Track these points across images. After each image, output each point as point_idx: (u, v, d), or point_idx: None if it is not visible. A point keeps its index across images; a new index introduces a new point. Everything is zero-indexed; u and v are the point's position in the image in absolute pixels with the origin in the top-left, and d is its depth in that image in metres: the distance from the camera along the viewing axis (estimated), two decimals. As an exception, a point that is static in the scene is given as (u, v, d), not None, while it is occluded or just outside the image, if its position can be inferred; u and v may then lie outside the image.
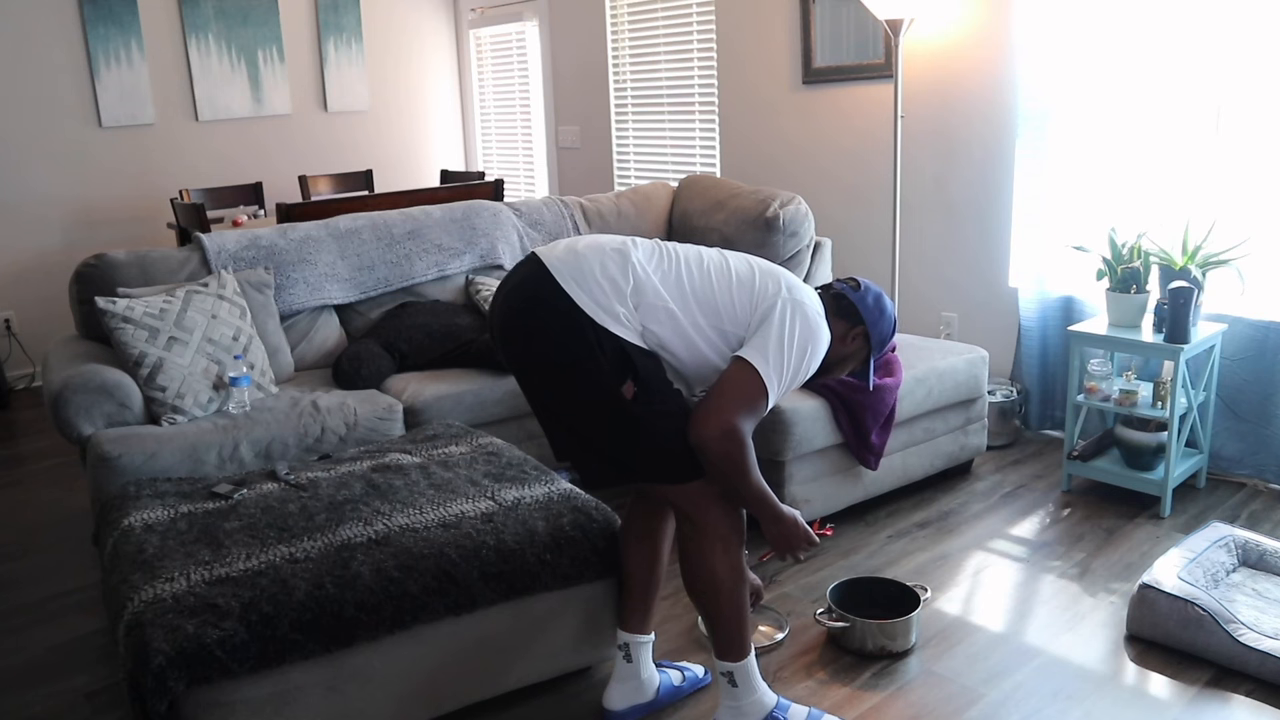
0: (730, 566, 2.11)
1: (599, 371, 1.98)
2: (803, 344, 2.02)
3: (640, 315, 2.02)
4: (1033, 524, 3.28)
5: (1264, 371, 3.38)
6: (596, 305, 1.99)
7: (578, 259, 2.04)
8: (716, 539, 2.09)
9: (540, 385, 2.07)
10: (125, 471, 2.84)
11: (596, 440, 2.06)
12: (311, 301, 3.72)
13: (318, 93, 6.19)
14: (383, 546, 2.21)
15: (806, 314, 2.04)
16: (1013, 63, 3.91)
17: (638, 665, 2.29)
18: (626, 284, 2.01)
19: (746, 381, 1.99)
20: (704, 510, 2.08)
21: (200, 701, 1.93)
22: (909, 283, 4.44)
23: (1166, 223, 3.51)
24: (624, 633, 2.30)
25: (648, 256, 2.08)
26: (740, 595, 2.13)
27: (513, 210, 4.24)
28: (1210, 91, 3.43)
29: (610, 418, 2.01)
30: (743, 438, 1.99)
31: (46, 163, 5.26)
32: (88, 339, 3.46)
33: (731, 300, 2.06)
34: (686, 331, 2.04)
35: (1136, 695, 2.36)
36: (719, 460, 1.99)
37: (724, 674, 2.17)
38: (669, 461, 2.04)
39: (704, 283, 2.07)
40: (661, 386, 2.05)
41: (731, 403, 1.98)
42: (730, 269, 2.10)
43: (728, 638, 2.14)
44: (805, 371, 2.06)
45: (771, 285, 2.08)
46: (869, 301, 2.19)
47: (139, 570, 2.13)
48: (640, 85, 5.56)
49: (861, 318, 2.18)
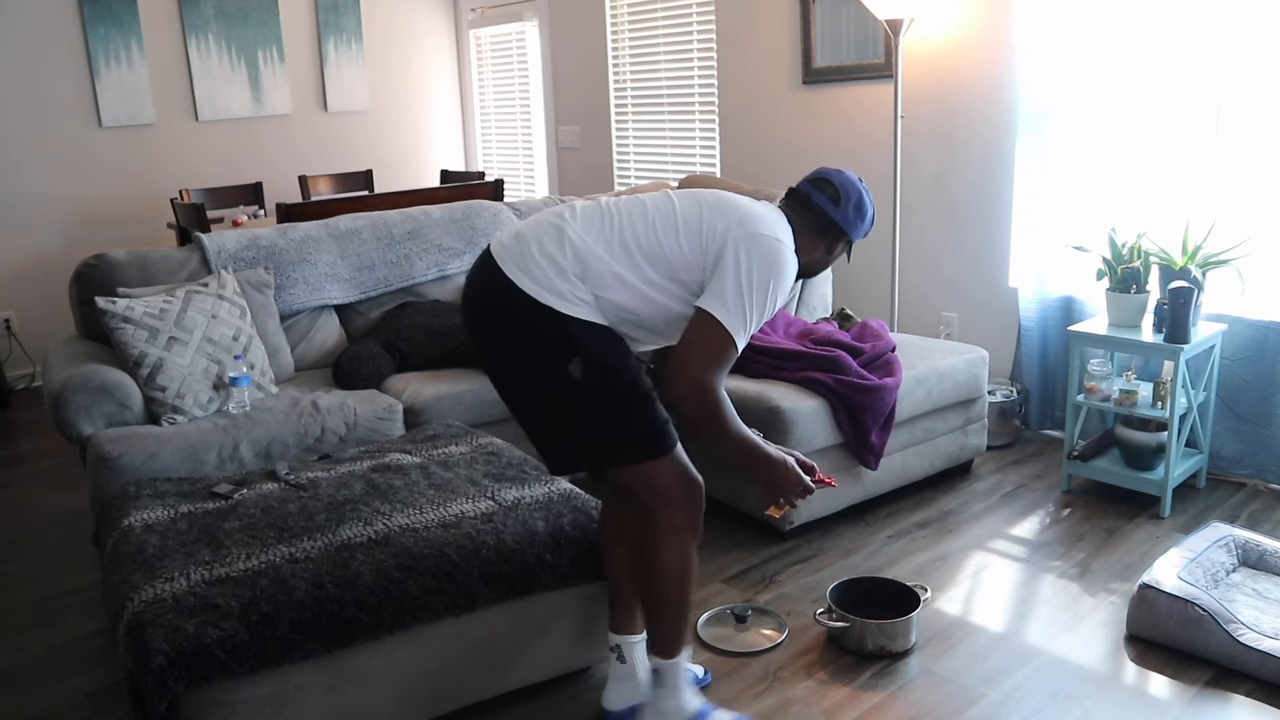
0: (678, 559, 2.07)
1: (542, 354, 1.97)
2: (763, 279, 1.96)
3: (590, 286, 1.98)
4: (1033, 524, 3.28)
5: (1264, 371, 3.38)
6: (538, 286, 1.96)
7: (518, 242, 2.03)
8: (669, 529, 2.06)
9: (495, 370, 2.08)
10: (125, 471, 2.84)
11: (549, 425, 2.05)
12: (311, 301, 3.72)
13: (318, 93, 6.19)
14: (383, 546, 2.21)
15: (762, 246, 1.96)
16: (1013, 63, 3.91)
17: (633, 665, 2.28)
18: (564, 258, 1.98)
19: (710, 333, 1.94)
20: (660, 499, 2.05)
21: (200, 701, 1.93)
22: (909, 283, 4.44)
23: (1166, 223, 3.51)
24: (614, 634, 2.29)
25: (586, 224, 2.03)
26: (684, 591, 2.10)
27: (513, 210, 4.24)
28: (1210, 91, 3.43)
29: (558, 400, 2.00)
30: (715, 392, 1.95)
31: (46, 163, 5.26)
32: (88, 339, 3.46)
33: (680, 248, 2.00)
34: (641, 290, 2.00)
35: (1136, 695, 2.36)
36: (694, 417, 1.96)
37: (653, 670, 2.16)
38: (618, 444, 2.02)
39: (649, 236, 2.01)
40: (612, 366, 2.00)
41: (698, 358, 1.95)
42: (676, 215, 2.03)
43: (664, 631, 2.13)
44: (773, 304, 2.00)
45: (720, 223, 2.00)
46: (851, 215, 2.11)
47: (139, 570, 2.13)
48: (640, 85, 5.56)
49: (846, 232, 2.13)
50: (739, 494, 3.25)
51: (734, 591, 2.90)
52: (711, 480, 3.31)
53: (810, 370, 3.20)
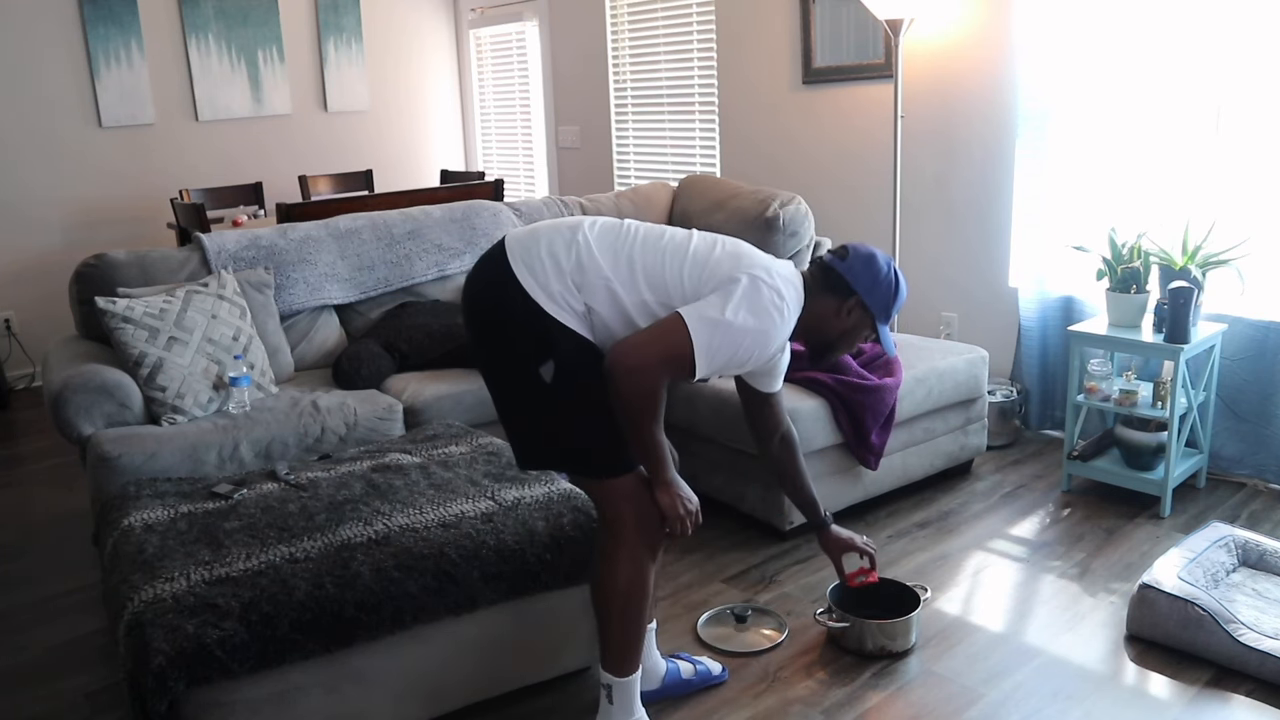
0: (632, 578, 2.05)
1: (521, 348, 1.99)
2: (746, 321, 1.94)
3: (584, 295, 1.99)
4: (1033, 524, 3.28)
5: (1264, 371, 3.38)
6: (534, 282, 1.99)
7: (531, 237, 2.05)
8: (626, 546, 2.04)
9: (477, 355, 2.10)
10: (125, 471, 2.84)
11: (517, 419, 2.08)
12: (311, 301, 3.72)
13: (318, 93, 6.19)
14: (383, 546, 2.21)
15: (760, 291, 1.96)
16: (1013, 63, 3.91)
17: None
18: (568, 261, 2.00)
19: (674, 333, 1.92)
20: (621, 517, 2.04)
21: (200, 701, 1.93)
22: (909, 283, 4.44)
23: (1166, 223, 3.51)
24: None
25: (600, 235, 2.05)
26: (638, 610, 2.08)
27: (513, 210, 4.24)
28: (1210, 91, 3.43)
29: (526, 397, 2.02)
30: (654, 379, 1.91)
31: (46, 163, 5.26)
32: (88, 339, 3.46)
33: (680, 276, 2.00)
34: (627, 310, 2.00)
35: (1136, 695, 2.36)
36: (622, 393, 1.92)
37: (603, 686, 2.14)
38: (574, 455, 2.03)
39: (655, 259, 2.02)
40: (581, 378, 2.00)
41: (652, 344, 1.93)
42: (689, 247, 2.05)
43: (615, 649, 2.11)
44: (745, 353, 1.97)
45: (728, 264, 2.01)
46: (857, 268, 2.09)
47: (139, 570, 2.13)
48: (640, 85, 5.56)
49: (852, 288, 2.09)
50: (739, 494, 3.25)
51: (734, 591, 2.90)
52: (713, 481, 3.34)
53: (810, 370, 3.20)
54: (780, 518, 3.13)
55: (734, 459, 3.22)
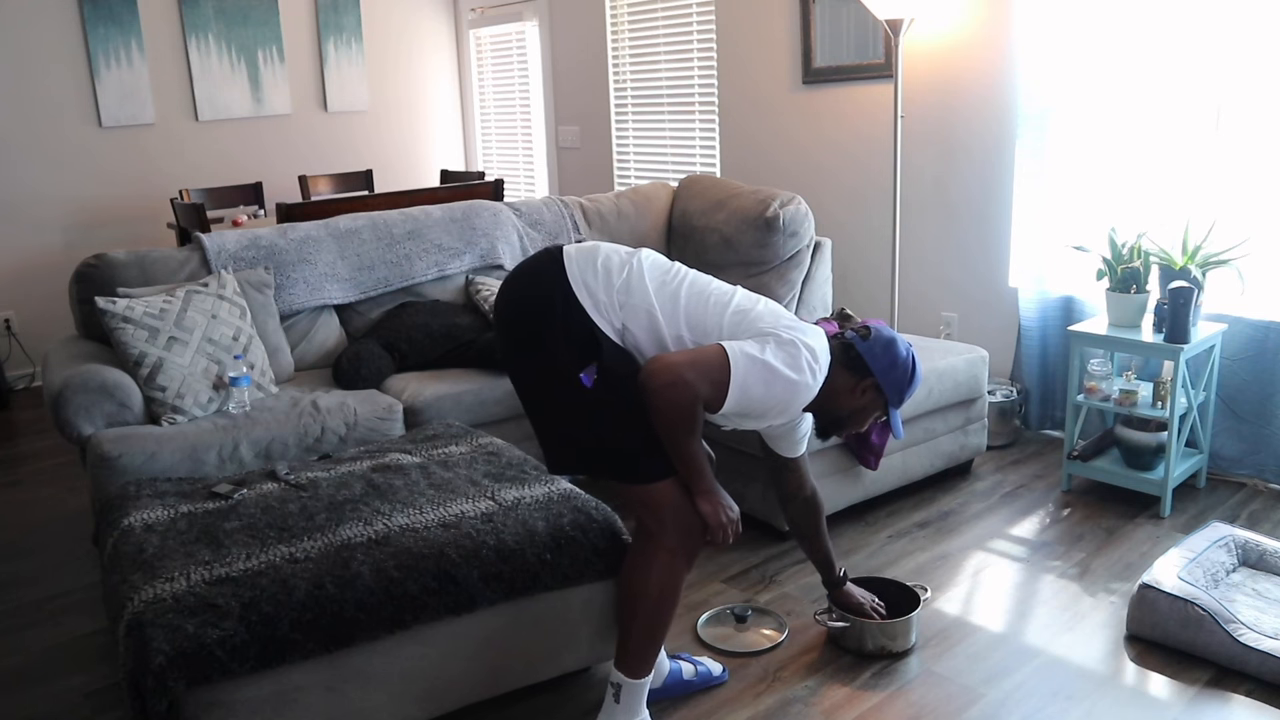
0: (665, 583, 2.08)
1: (563, 351, 2.00)
2: (777, 371, 1.97)
3: (624, 314, 2.04)
4: (1033, 524, 3.28)
5: (1264, 371, 3.38)
6: (583, 285, 2.03)
7: (592, 248, 2.12)
8: (663, 550, 2.08)
9: (513, 358, 2.10)
10: (125, 471, 2.84)
11: (554, 421, 2.09)
12: (311, 301, 3.72)
13: (318, 93, 6.19)
14: (383, 546, 2.21)
15: (795, 351, 2.00)
16: (1013, 63, 3.91)
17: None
18: (619, 278, 2.05)
19: (713, 355, 1.96)
20: (659, 520, 2.07)
21: (200, 701, 1.93)
22: (909, 283, 4.44)
23: (1166, 223, 3.51)
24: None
25: (653, 265, 2.12)
26: (663, 615, 2.11)
27: (513, 210, 4.24)
28: (1210, 91, 3.43)
29: (568, 399, 2.03)
30: (693, 393, 1.93)
31: (46, 163, 5.27)
32: (88, 339, 3.46)
33: (721, 323, 2.05)
34: (664, 341, 2.04)
35: (1136, 695, 2.36)
36: (659, 402, 1.93)
37: (612, 685, 2.15)
38: (619, 458, 2.04)
39: (699, 302, 2.08)
40: (625, 383, 2.02)
41: (691, 364, 1.95)
42: (733, 297, 2.10)
43: (634, 651, 2.13)
44: (770, 398, 2.00)
45: (769, 319, 2.05)
46: (876, 351, 2.12)
47: (139, 570, 2.13)
48: (640, 85, 5.56)
49: (869, 369, 2.12)
50: (739, 495, 3.24)
51: (734, 591, 2.90)
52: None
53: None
54: (780, 518, 3.13)
55: (734, 459, 3.22)
